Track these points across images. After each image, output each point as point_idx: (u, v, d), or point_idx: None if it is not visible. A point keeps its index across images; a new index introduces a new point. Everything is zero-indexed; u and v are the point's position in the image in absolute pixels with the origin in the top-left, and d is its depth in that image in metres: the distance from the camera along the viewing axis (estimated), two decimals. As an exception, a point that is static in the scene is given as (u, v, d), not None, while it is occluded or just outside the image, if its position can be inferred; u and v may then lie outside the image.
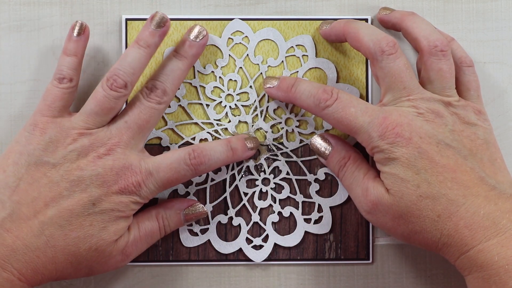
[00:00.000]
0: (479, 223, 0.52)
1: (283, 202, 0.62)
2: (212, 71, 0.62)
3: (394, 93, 0.56)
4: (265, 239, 0.62)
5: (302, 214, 0.62)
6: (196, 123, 0.62)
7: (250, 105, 0.62)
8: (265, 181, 0.62)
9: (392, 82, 0.56)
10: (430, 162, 0.54)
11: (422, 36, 0.57)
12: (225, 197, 0.62)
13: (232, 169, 0.62)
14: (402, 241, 0.58)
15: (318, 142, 0.60)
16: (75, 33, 0.58)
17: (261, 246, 0.62)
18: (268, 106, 0.62)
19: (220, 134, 0.62)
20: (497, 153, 0.57)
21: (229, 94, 0.62)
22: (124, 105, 0.59)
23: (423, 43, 0.57)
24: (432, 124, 0.55)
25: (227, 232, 0.62)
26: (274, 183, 0.62)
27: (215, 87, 0.62)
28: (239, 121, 0.62)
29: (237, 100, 0.62)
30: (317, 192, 0.62)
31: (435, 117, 0.55)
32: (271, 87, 0.60)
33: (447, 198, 0.53)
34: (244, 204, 0.62)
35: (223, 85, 0.62)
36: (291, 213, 0.62)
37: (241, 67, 0.62)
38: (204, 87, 0.62)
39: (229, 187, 0.62)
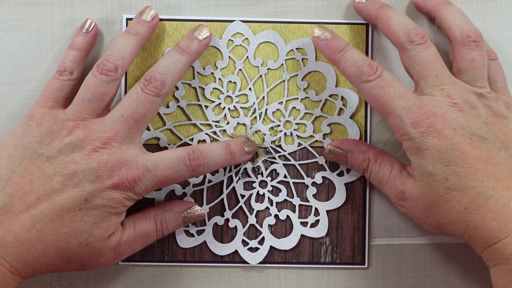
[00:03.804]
0: (508, 216, 0.52)
1: (280, 205, 0.62)
2: (212, 73, 0.62)
3: (428, 81, 0.56)
4: (261, 242, 0.62)
5: (299, 217, 0.62)
6: (194, 124, 0.62)
7: (249, 107, 0.62)
8: (262, 184, 0.62)
9: (423, 69, 0.56)
10: (462, 153, 0.53)
11: (456, 26, 0.57)
12: (222, 199, 0.62)
13: (230, 171, 0.62)
14: (433, 232, 0.57)
15: (333, 151, 0.60)
16: (83, 30, 0.60)
17: (257, 249, 0.62)
18: (267, 109, 0.62)
19: (218, 136, 0.62)
20: None
21: (228, 96, 0.62)
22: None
23: (456, 32, 0.57)
24: (466, 115, 0.55)
25: (223, 233, 0.62)
26: (271, 185, 0.62)
27: (214, 88, 0.62)
28: (238, 123, 0.62)
29: (236, 102, 0.62)
30: (314, 195, 0.62)
31: (469, 108, 0.55)
32: (321, 39, 0.58)
33: (476, 191, 0.53)
34: (240, 206, 0.62)
35: (222, 86, 0.62)
36: (287, 216, 0.62)
37: (240, 69, 0.62)
38: (203, 88, 0.62)
39: (226, 189, 0.62)
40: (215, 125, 0.62)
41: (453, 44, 0.58)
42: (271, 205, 0.62)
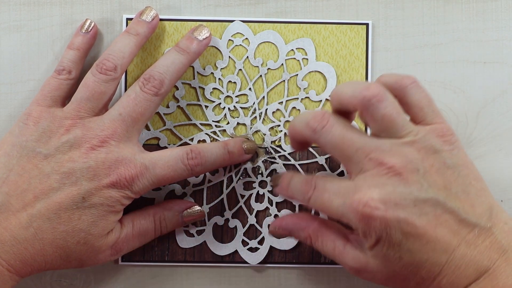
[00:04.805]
0: (462, 274, 0.51)
1: (280, 205, 0.62)
2: (212, 73, 0.62)
3: (352, 159, 0.52)
4: (261, 242, 0.62)
5: (299, 217, 0.62)
6: (194, 124, 0.62)
7: (249, 107, 0.62)
8: (262, 184, 0.62)
9: (342, 150, 0.52)
10: (412, 228, 0.51)
11: (350, 97, 0.53)
12: (222, 199, 0.62)
13: (230, 171, 0.62)
14: None
15: (276, 233, 0.59)
16: (82, 30, 0.60)
17: (256, 249, 0.62)
18: (267, 109, 0.62)
19: (218, 136, 0.62)
20: (469, 174, 0.53)
21: (228, 96, 0.62)
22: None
23: (353, 102, 0.52)
24: (404, 178, 0.51)
25: (223, 233, 0.62)
26: (272, 185, 0.62)
27: (214, 88, 0.62)
28: (238, 123, 0.62)
29: (236, 102, 0.62)
30: (314, 195, 0.62)
31: (406, 163, 0.51)
32: (277, 187, 0.58)
33: (430, 262, 0.51)
34: (240, 206, 0.62)
35: (222, 86, 0.62)
36: (287, 216, 0.62)
37: (240, 69, 0.62)
38: (204, 89, 0.62)
39: (226, 189, 0.62)
40: (215, 125, 0.62)
41: (359, 112, 0.53)
42: (271, 205, 0.62)
